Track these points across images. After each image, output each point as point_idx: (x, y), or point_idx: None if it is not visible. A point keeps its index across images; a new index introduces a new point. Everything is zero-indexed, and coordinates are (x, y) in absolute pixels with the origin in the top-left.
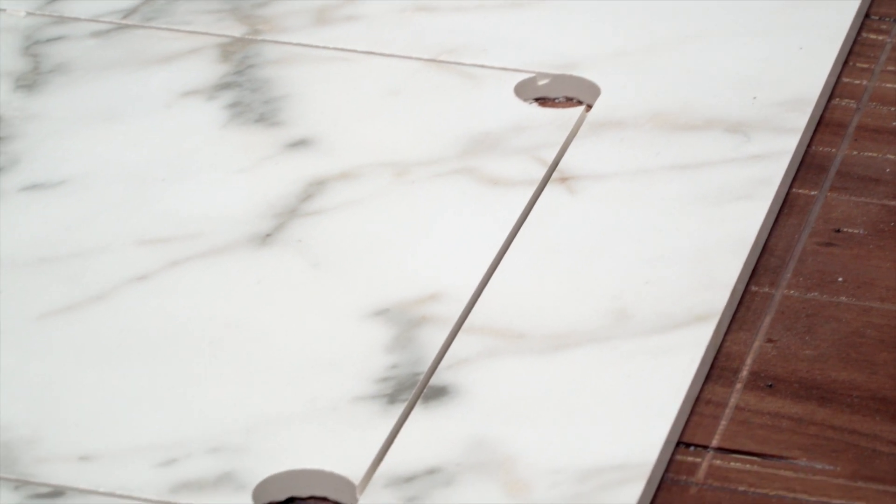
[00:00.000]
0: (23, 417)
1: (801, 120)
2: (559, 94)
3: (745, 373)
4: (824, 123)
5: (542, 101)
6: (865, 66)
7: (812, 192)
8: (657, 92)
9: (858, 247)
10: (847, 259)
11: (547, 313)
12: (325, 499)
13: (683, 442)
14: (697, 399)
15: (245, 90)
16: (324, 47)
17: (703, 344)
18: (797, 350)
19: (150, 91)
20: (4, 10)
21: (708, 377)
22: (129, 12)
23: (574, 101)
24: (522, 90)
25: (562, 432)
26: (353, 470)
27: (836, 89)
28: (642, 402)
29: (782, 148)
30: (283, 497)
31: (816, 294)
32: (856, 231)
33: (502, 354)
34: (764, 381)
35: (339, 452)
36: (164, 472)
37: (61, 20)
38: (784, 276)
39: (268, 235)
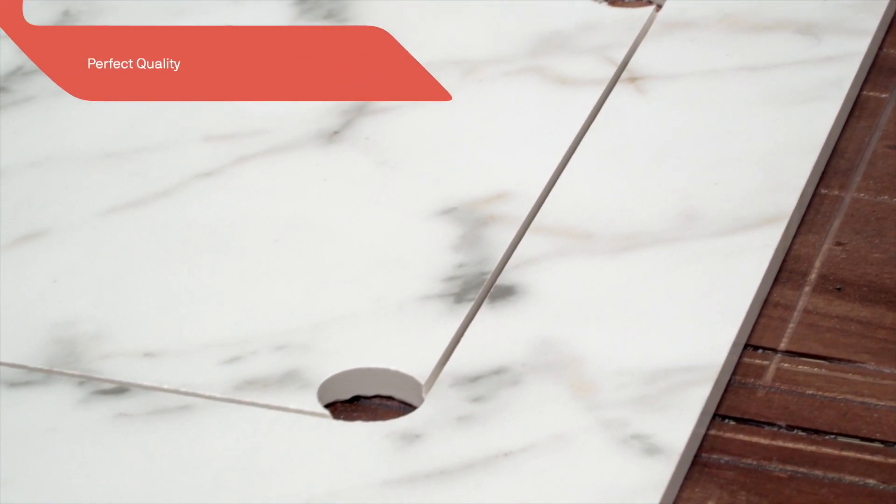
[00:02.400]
0: (88, 314)
1: (872, 21)
2: None
3: (813, 276)
4: None
5: (613, 0)
6: None
7: (883, 95)
8: None
9: None
10: None
11: (615, 214)
12: (390, 398)
13: (751, 345)
14: (766, 302)
15: None
16: None
17: (772, 246)
18: (866, 253)
19: None
20: None
21: (776, 280)
22: None
23: (644, 0)
24: None
25: (629, 333)
26: (419, 369)
27: None
28: (710, 304)
29: (853, 50)
30: (348, 396)
31: (886, 197)
32: None
33: (570, 255)
34: (833, 285)
35: (405, 351)
36: (228, 370)
37: None
38: (854, 179)
39: (335, 133)
